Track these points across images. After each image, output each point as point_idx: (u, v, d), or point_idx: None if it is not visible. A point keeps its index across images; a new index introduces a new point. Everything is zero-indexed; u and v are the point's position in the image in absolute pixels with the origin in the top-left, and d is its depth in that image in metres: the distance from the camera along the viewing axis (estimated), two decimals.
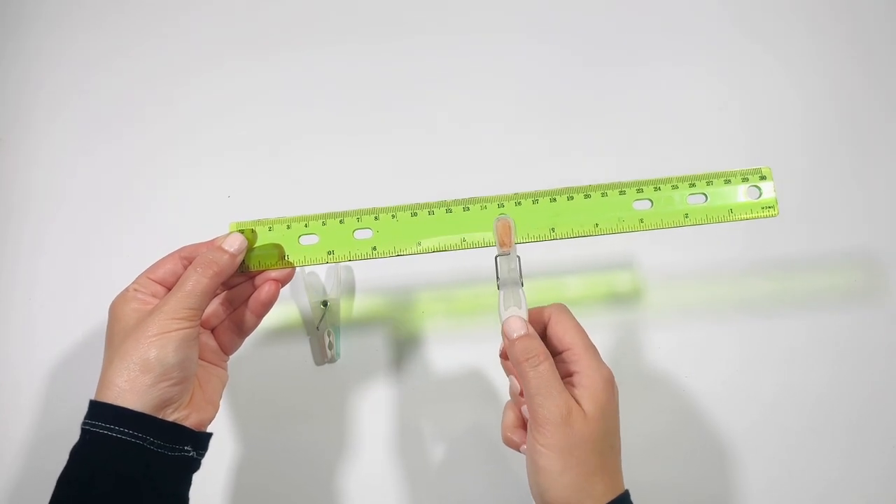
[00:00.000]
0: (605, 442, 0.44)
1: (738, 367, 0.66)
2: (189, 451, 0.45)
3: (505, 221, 0.50)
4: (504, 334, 0.46)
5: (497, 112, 0.74)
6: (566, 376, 0.46)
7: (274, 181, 0.72)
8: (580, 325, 0.47)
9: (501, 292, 0.48)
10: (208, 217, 0.68)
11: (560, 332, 0.47)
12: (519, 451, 0.47)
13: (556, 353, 0.47)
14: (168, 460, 0.44)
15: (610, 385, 0.46)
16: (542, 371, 0.44)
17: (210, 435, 0.48)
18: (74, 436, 0.44)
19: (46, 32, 0.77)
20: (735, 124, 0.73)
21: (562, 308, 0.48)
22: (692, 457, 0.64)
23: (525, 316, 0.47)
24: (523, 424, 0.48)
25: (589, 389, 0.44)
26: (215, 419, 0.49)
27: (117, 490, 0.42)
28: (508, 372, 0.50)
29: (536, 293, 0.68)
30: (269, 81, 0.75)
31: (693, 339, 0.67)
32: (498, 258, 0.49)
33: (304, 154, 0.73)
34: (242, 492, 0.64)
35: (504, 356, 0.50)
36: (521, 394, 0.47)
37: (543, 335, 0.48)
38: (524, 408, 0.47)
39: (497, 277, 0.48)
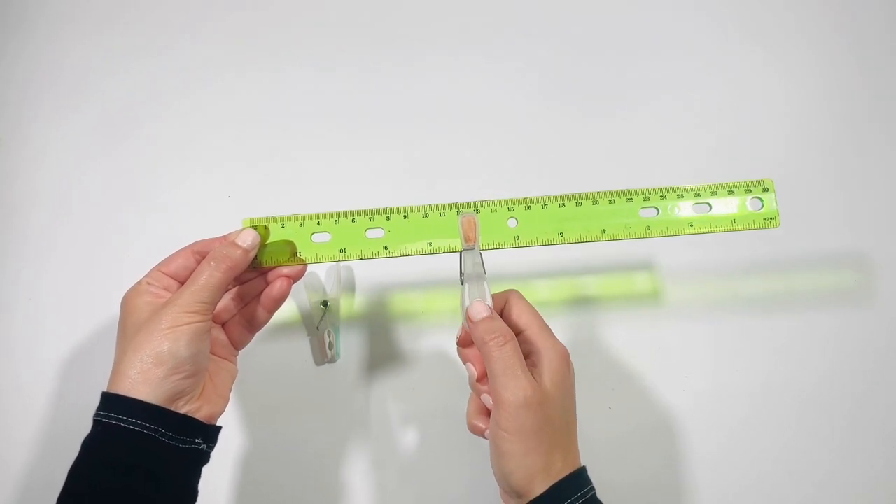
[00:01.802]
0: (562, 419, 0.45)
1: (736, 366, 0.67)
2: (199, 444, 0.46)
3: (470, 218, 0.51)
4: (468, 318, 0.47)
5: (505, 118, 0.74)
6: (524, 357, 0.47)
7: (274, 181, 0.72)
8: (534, 308, 0.49)
9: (466, 286, 0.49)
10: (209, 217, 0.69)
11: (516, 315, 0.48)
12: (483, 436, 0.48)
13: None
14: (179, 452, 0.44)
15: (566, 362, 0.47)
16: (507, 351, 0.45)
17: (219, 428, 0.48)
18: (82, 433, 0.44)
19: (49, 35, 0.77)
20: (732, 127, 0.74)
21: (517, 293, 0.50)
22: (688, 454, 0.65)
23: (490, 304, 0.48)
24: (486, 411, 0.49)
25: (547, 368, 0.45)
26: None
27: (128, 481, 0.42)
28: (465, 360, 0.50)
29: (551, 291, 0.69)
30: (270, 82, 0.76)
31: (692, 338, 0.68)
32: (463, 253, 0.50)
33: (305, 155, 0.73)
34: (245, 485, 0.64)
35: (461, 344, 0.50)
36: (479, 380, 0.48)
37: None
38: (484, 396, 0.48)
39: (461, 272, 0.50)
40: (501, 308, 0.49)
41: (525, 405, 0.43)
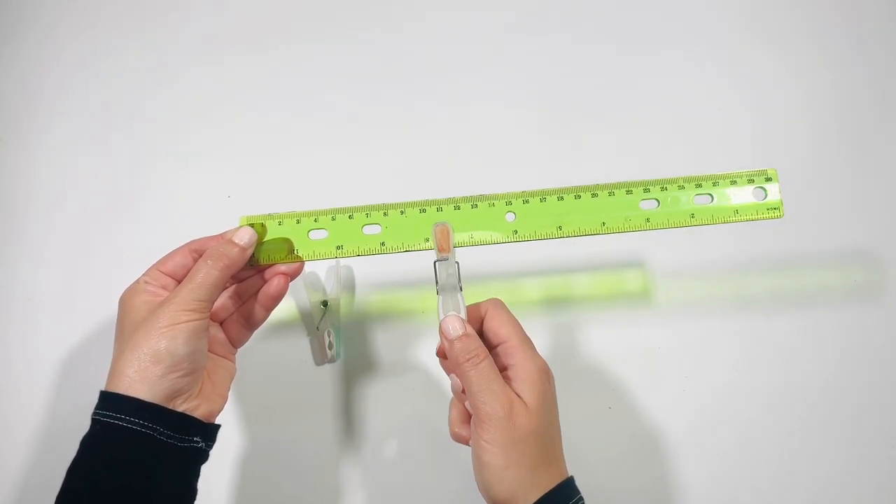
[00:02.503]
0: (545, 433, 0.45)
1: (737, 366, 0.67)
2: (198, 442, 0.46)
3: (443, 227, 0.50)
4: (442, 334, 0.47)
5: (504, 111, 0.74)
6: (502, 369, 0.46)
7: (273, 181, 0.72)
8: (515, 319, 0.48)
9: (440, 297, 0.48)
10: (208, 217, 0.68)
11: (496, 326, 0.48)
12: (467, 444, 0.47)
13: (491, 346, 0.48)
14: (178, 451, 0.44)
15: (545, 375, 0.46)
16: (483, 369, 0.44)
17: (218, 426, 0.48)
18: (80, 432, 0.44)
19: (47, 34, 0.77)
20: (736, 122, 0.74)
21: (497, 303, 0.49)
22: (688, 454, 0.65)
23: (464, 317, 0.47)
24: (468, 418, 0.48)
25: (527, 382, 0.45)
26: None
27: (127, 480, 0.42)
28: (448, 371, 0.50)
29: (549, 290, 0.69)
30: (269, 81, 0.75)
31: (692, 337, 0.67)
32: (437, 263, 0.49)
33: (304, 153, 0.73)
34: (243, 484, 0.64)
35: (441, 355, 0.50)
36: (464, 391, 0.47)
37: (480, 330, 0.48)
38: (468, 403, 0.47)
39: (436, 282, 0.49)
40: (480, 318, 0.49)
41: (505, 418, 0.43)
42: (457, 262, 0.49)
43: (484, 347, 0.46)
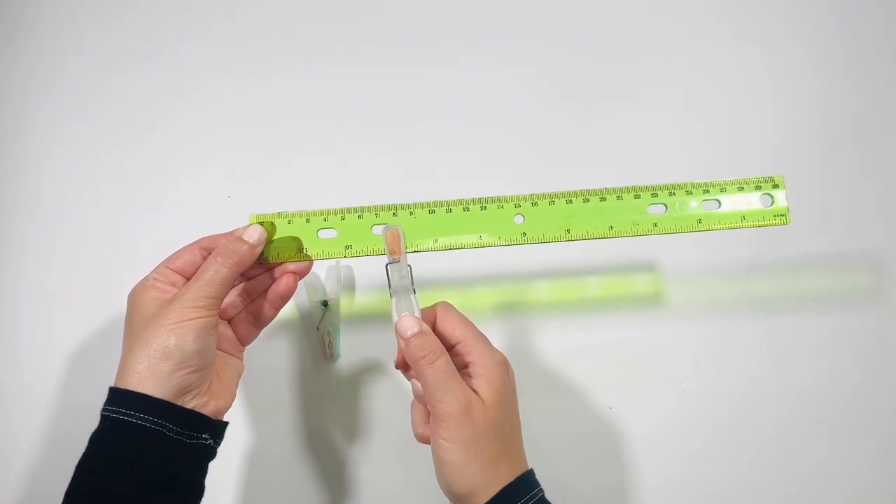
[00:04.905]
0: (505, 426, 0.45)
1: (738, 366, 0.67)
2: (207, 439, 0.45)
3: (394, 230, 0.50)
4: (398, 333, 0.47)
5: (511, 114, 0.74)
6: (462, 367, 0.47)
7: (274, 181, 0.72)
8: (466, 318, 0.48)
9: (394, 299, 0.49)
10: (208, 217, 0.69)
11: (449, 328, 0.48)
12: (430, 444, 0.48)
13: (448, 347, 0.48)
14: (186, 447, 0.44)
15: (504, 369, 0.47)
16: (439, 367, 0.45)
17: (226, 424, 0.48)
18: (88, 429, 0.44)
19: (50, 35, 0.76)
20: (742, 125, 0.74)
21: (446, 305, 0.49)
22: (688, 455, 0.65)
23: (418, 317, 0.48)
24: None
25: (485, 378, 0.45)
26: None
27: (136, 476, 0.42)
28: (409, 377, 0.50)
29: (551, 292, 0.69)
30: (271, 82, 0.75)
31: (693, 338, 0.68)
32: (388, 266, 0.49)
33: (307, 154, 0.73)
34: (246, 482, 0.64)
35: (399, 366, 0.50)
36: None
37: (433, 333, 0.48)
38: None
39: (389, 286, 0.49)
40: (432, 322, 0.49)
41: (462, 415, 0.43)
42: (409, 265, 0.49)
43: (440, 345, 0.46)
